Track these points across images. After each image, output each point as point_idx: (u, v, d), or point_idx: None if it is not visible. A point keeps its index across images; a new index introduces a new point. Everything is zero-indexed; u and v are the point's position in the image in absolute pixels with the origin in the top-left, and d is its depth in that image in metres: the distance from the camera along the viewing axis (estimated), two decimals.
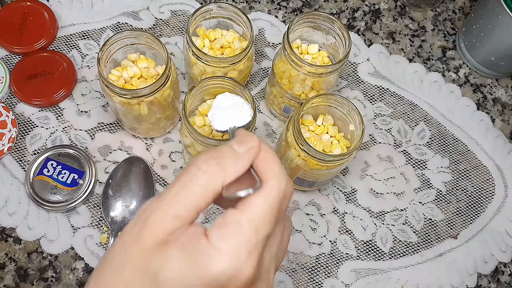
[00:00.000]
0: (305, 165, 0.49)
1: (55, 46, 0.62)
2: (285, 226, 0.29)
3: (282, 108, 0.58)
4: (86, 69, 0.61)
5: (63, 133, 0.58)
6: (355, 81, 0.65)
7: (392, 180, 0.60)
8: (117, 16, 0.64)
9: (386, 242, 0.57)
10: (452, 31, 0.70)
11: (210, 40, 0.54)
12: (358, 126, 0.48)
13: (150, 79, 0.51)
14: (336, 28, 0.52)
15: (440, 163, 0.62)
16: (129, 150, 0.58)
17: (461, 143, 0.63)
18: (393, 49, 0.67)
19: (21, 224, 0.53)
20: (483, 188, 0.61)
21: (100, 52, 0.47)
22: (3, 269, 0.52)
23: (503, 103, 0.66)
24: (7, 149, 0.55)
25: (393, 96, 0.64)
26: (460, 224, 0.59)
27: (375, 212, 0.58)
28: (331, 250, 0.56)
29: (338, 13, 0.69)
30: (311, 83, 0.53)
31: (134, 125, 0.55)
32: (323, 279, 0.55)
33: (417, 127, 0.63)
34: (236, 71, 0.52)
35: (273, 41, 0.65)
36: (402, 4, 0.70)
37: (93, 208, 0.55)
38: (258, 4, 0.67)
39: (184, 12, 0.66)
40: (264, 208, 0.26)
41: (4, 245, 0.53)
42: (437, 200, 0.60)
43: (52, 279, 0.52)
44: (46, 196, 0.53)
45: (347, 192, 0.59)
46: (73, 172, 0.54)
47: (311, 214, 0.57)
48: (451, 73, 0.67)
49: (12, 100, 0.58)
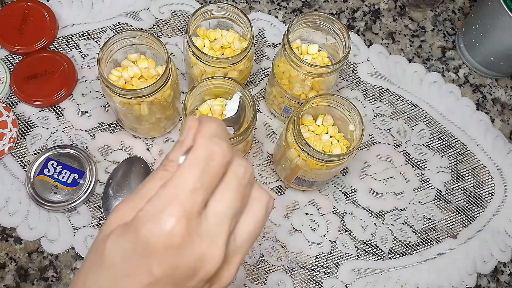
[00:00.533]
0: (305, 165, 0.49)
1: (55, 46, 0.62)
2: (252, 199, 0.29)
3: (282, 108, 0.58)
4: (86, 69, 0.61)
5: (63, 133, 0.58)
6: (355, 81, 0.65)
7: (392, 180, 0.60)
8: (117, 16, 0.64)
9: (386, 242, 0.57)
10: (451, 31, 0.70)
11: (210, 40, 0.55)
12: (358, 126, 0.48)
13: (150, 79, 0.51)
14: (336, 28, 0.52)
15: (440, 163, 0.62)
16: (130, 150, 0.58)
17: (460, 143, 0.63)
18: (392, 49, 0.67)
19: (22, 224, 0.53)
20: (483, 188, 0.61)
21: (100, 52, 0.47)
22: (3, 269, 0.52)
23: (502, 103, 0.66)
24: (7, 149, 0.55)
25: (393, 96, 0.65)
26: (459, 224, 0.59)
27: (375, 212, 0.59)
28: (331, 250, 0.56)
29: (338, 13, 0.69)
30: (311, 83, 0.53)
31: (134, 125, 0.55)
32: (323, 279, 0.55)
33: (416, 127, 0.63)
34: (236, 71, 0.52)
35: (273, 41, 0.66)
36: (402, 4, 0.70)
37: (94, 208, 0.55)
38: (258, 5, 0.68)
39: (184, 12, 0.66)
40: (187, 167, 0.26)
41: (5, 245, 0.53)
42: (436, 200, 0.60)
43: (53, 279, 0.52)
44: (47, 196, 0.53)
45: (346, 192, 0.59)
46: (74, 172, 0.54)
47: (311, 214, 0.57)
48: (451, 73, 0.67)
49: (12, 100, 0.59)
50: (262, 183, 0.58)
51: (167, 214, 0.24)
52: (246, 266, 0.54)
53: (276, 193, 0.58)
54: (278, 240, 0.56)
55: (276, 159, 0.56)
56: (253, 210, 0.29)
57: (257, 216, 0.29)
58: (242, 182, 0.28)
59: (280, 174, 0.57)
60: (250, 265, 0.54)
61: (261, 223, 0.29)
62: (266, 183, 0.58)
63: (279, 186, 0.58)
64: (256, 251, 0.55)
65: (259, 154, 0.60)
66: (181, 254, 0.25)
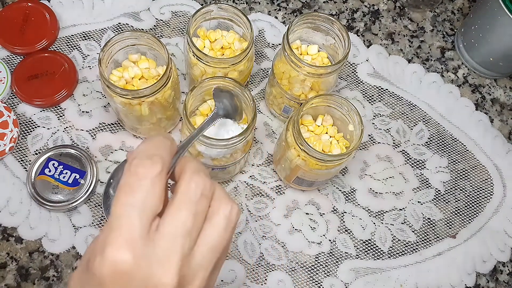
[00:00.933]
0: (305, 165, 0.49)
1: (56, 47, 0.62)
2: (211, 211, 0.28)
3: (282, 109, 0.58)
4: (87, 69, 0.61)
5: (64, 133, 0.58)
6: (355, 82, 0.65)
7: (391, 180, 0.61)
8: (118, 17, 0.64)
9: (385, 242, 0.58)
10: (451, 31, 0.70)
11: (211, 41, 0.55)
12: (357, 126, 0.49)
13: (151, 80, 0.51)
14: (336, 29, 0.52)
15: (439, 163, 0.62)
16: (130, 150, 0.58)
17: (459, 143, 0.63)
18: (392, 50, 0.68)
19: (23, 224, 0.54)
20: (482, 187, 0.62)
21: (101, 52, 0.48)
22: (4, 269, 0.52)
23: (501, 103, 0.67)
24: (8, 149, 0.55)
25: (392, 97, 0.65)
26: (458, 224, 0.60)
27: (374, 211, 0.59)
28: (331, 249, 0.56)
29: (337, 14, 0.69)
30: (310, 83, 0.53)
31: (135, 125, 0.55)
32: (323, 278, 0.55)
33: (416, 127, 0.64)
34: (236, 71, 0.53)
35: (273, 42, 0.66)
36: (401, 5, 0.71)
37: (95, 208, 0.55)
38: (258, 5, 0.68)
39: (185, 13, 0.66)
40: (119, 192, 0.26)
41: (6, 244, 0.53)
42: (435, 200, 0.60)
43: (54, 278, 0.52)
44: (48, 195, 0.53)
45: (346, 191, 0.59)
46: (75, 172, 0.54)
47: (310, 213, 0.58)
48: (450, 73, 0.67)
49: (13, 100, 0.59)
50: (262, 183, 0.58)
51: (108, 244, 0.25)
52: (246, 265, 0.55)
53: (276, 193, 0.58)
54: (278, 239, 0.56)
55: (276, 159, 0.56)
56: (213, 223, 0.28)
57: (217, 229, 0.28)
58: (193, 198, 0.27)
59: (280, 174, 0.57)
60: (250, 264, 0.55)
61: (223, 235, 0.28)
62: (266, 183, 0.58)
63: (279, 186, 0.58)
64: (256, 251, 0.55)
65: (259, 154, 0.60)
66: (130, 282, 0.25)
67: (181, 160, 0.30)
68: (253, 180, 0.58)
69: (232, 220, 0.29)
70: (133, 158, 0.27)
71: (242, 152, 0.51)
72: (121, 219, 0.25)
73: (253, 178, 0.58)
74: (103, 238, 0.25)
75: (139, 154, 0.28)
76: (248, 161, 0.59)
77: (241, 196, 0.57)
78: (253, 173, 0.59)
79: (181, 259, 0.26)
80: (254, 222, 0.56)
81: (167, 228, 0.26)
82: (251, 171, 0.59)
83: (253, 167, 0.59)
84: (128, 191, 0.26)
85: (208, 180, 0.28)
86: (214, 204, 0.28)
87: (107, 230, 0.25)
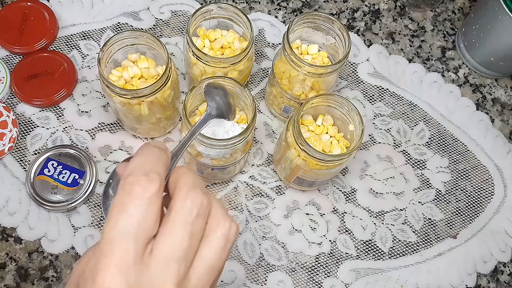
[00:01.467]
0: (305, 165, 0.49)
1: (55, 46, 0.62)
2: (208, 230, 0.27)
3: (282, 108, 0.58)
4: (86, 69, 0.61)
5: (63, 133, 0.58)
6: (355, 81, 0.65)
7: (392, 180, 0.60)
8: (118, 16, 0.64)
9: (386, 242, 0.57)
10: (451, 31, 0.70)
11: (210, 41, 0.55)
12: (358, 126, 0.48)
13: (150, 79, 0.51)
14: (336, 28, 0.52)
15: (440, 163, 0.62)
16: (130, 150, 0.58)
17: (460, 143, 0.63)
18: (392, 49, 0.67)
19: (22, 224, 0.53)
20: (483, 188, 0.62)
21: (100, 52, 0.47)
22: (3, 269, 0.52)
23: (502, 103, 0.66)
24: (7, 149, 0.55)
25: (393, 96, 0.65)
26: (459, 224, 0.59)
27: (375, 212, 0.59)
28: (331, 250, 0.56)
29: (338, 13, 0.69)
30: (311, 83, 0.53)
31: (134, 125, 0.55)
32: (323, 279, 0.55)
33: (416, 127, 0.63)
34: (236, 71, 0.52)
35: (273, 41, 0.66)
36: (402, 5, 0.70)
37: (94, 208, 0.55)
38: (258, 5, 0.68)
39: (184, 13, 0.66)
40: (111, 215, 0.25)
41: (5, 244, 0.53)
42: (436, 200, 0.60)
43: (53, 278, 0.52)
44: (47, 196, 0.53)
45: (346, 192, 0.59)
46: (74, 172, 0.54)
47: (310, 213, 0.57)
48: (451, 73, 0.67)
49: (12, 100, 0.59)
50: (262, 183, 0.58)
51: (99, 269, 0.23)
52: (246, 266, 0.54)
53: (276, 193, 0.58)
54: (278, 240, 0.56)
55: (276, 159, 0.56)
56: (210, 243, 0.26)
57: (214, 249, 0.26)
58: (188, 217, 0.25)
59: (280, 174, 0.57)
60: (250, 265, 0.55)
61: (221, 256, 0.27)
62: (266, 183, 0.58)
63: (279, 186, 0.58)
64: (256, 251, 0.55)
65: (259, 154, 0.60)
66: None
67: (175, 171, 0.28)
68: (253, 180, 0.58)
69: (230, 239, 0.27)
70: (127, 174, 0.25)
71: (242, 152, 0.51)
72: (114, 243, 0.24)
73: (253, 178, 0.58)
74: (94, 263, 0.24)
75: (133, 170, 0.26)
76: (248, 161, 0.59)
77: (241, 196, 0.57)
78: (253, 173, 0.59)
79: (176, 285, 0.25)
80: (254, 222, 0.56)
81: (162, 251, 0.25)
82: (251, 171, 0.59)
83: (253, 167, 0.59)
84: (122, 212, 0.24)
85: (205, 197, 0.26)
86: (212, 221, 0.27)
87: (98, 254, 0.24)
